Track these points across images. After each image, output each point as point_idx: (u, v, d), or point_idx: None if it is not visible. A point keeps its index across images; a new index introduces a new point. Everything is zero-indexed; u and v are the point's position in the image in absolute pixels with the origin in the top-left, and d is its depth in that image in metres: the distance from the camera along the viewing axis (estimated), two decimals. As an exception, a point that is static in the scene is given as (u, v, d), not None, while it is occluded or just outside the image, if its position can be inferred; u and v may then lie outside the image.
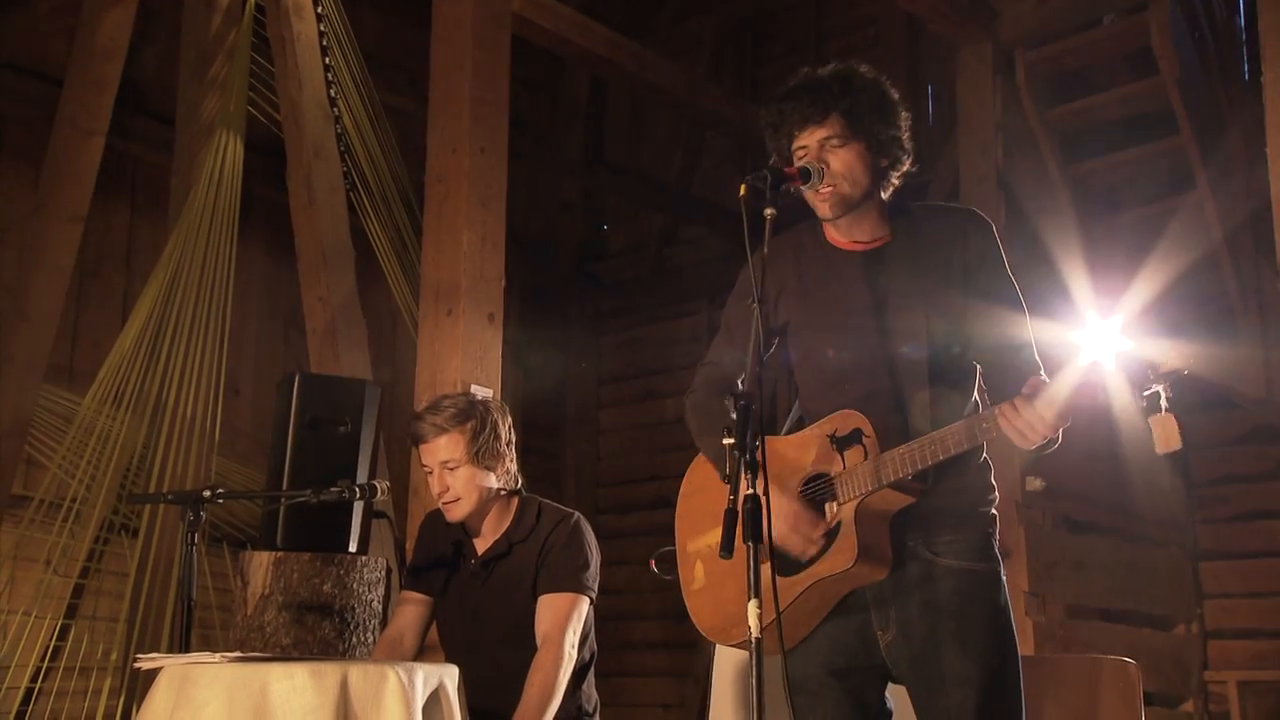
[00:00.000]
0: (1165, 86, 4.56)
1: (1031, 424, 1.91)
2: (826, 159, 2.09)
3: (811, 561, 2.06)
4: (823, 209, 2.12)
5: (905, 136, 2.16)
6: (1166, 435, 1.85)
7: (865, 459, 2.03)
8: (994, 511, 2.14)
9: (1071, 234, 5.02)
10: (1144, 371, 1.86)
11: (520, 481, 2.90)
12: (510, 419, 2.91)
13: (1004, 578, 2.11)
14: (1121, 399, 1.92)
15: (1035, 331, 2.12)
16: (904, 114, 2.16)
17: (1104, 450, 5.32)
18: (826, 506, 2.08)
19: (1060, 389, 1.89)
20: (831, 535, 2.05)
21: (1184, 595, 5.64)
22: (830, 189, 2.09)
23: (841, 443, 2.08)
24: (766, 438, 2.19)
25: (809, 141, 2.10)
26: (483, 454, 2.76)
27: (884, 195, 2.17)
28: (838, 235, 2.19)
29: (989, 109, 4.96)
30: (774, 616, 1.84)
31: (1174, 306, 4.95)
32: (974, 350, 2.12)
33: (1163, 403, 1.85)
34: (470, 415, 2.78)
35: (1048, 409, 1.90)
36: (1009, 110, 4.96)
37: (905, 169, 2.18)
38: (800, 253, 2.22)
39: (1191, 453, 5.84)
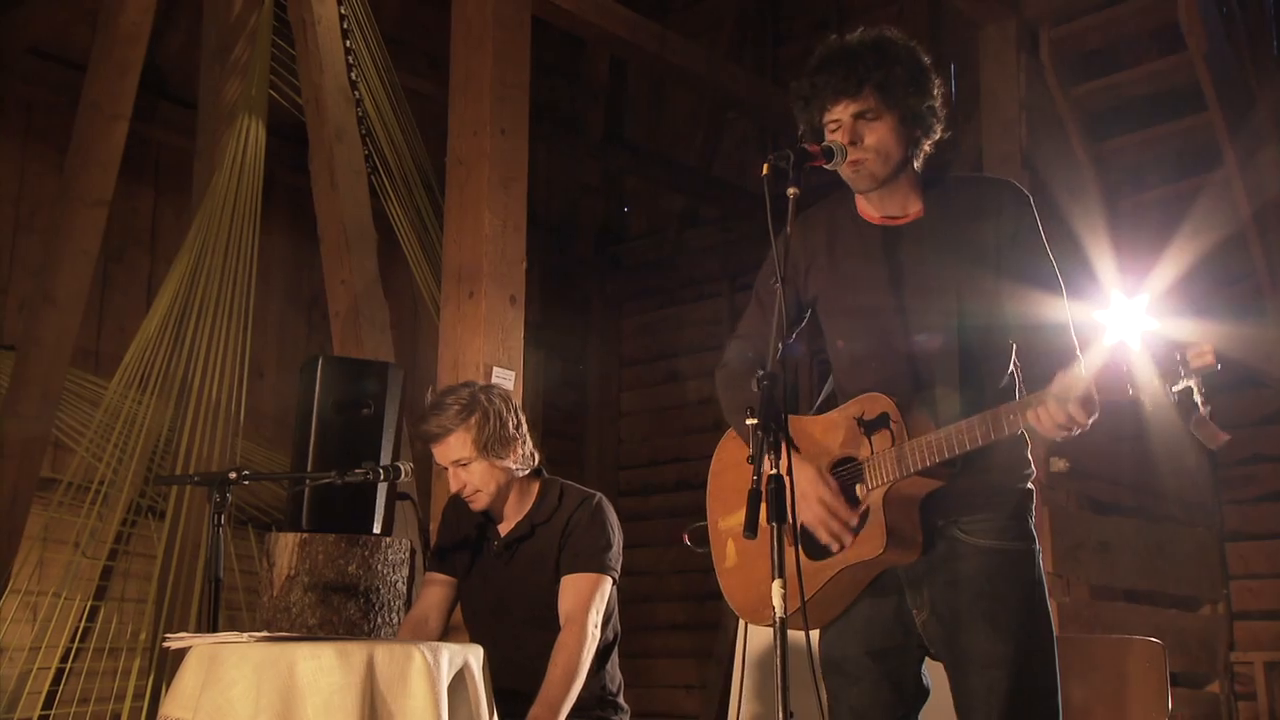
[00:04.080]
0: (1192, 62, 4.50)
1: (1063, 423, 1.88)
2: (860, 133, 2.07)
3: (841, 548, 2.06)
4: (855, 182, 2.10)
5: (939, 105, 2.13)
6: (1210, 435, 1.81)
7: (893, 444, 2.01)
8: (1029, 488, 2.11)
9: (1097, 213, 4.98)
10: (1174, 364, 1.79)
11: (539, 459, 2.90)
12: (515, 403, 2.90)
13: (1038, 557, 2.08)
14: (1147, 382, 1.87)
15: (1070, 311, 2.08)
16: (936, 81, 2.13)
17: (1129, 431, 5.28)
18: (857, 489, 2.06)
19: (1090, 382, 1.84)
20: (861, 521, 2.04)
21: (1210, 576, 5.60)
22: (863, 162, 2.07)
23: (869, 426, 2.06)
24: (792, 417, 2.20)
25: (842, 116, 2.08)
26: (492, 445, 2.76)
27: (916, 166, 2.15)
28: (869, 209, 2.17)
29: (1013, 87, 4.91)
30: (800, 599, 1.84)
31: (1200, 285, 4.91)
32: (1007, 329, 2.09)
33: (1197, 398, 1.79)
34: (473, 409, 2.76)
35: (1078, 408, 1.86)
36: (1033, 88, 4.91)
37: (938, 137, 2.15)
38: (833, 225, 2.20)
39: (1218, 433, 5.79)
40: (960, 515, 2.06)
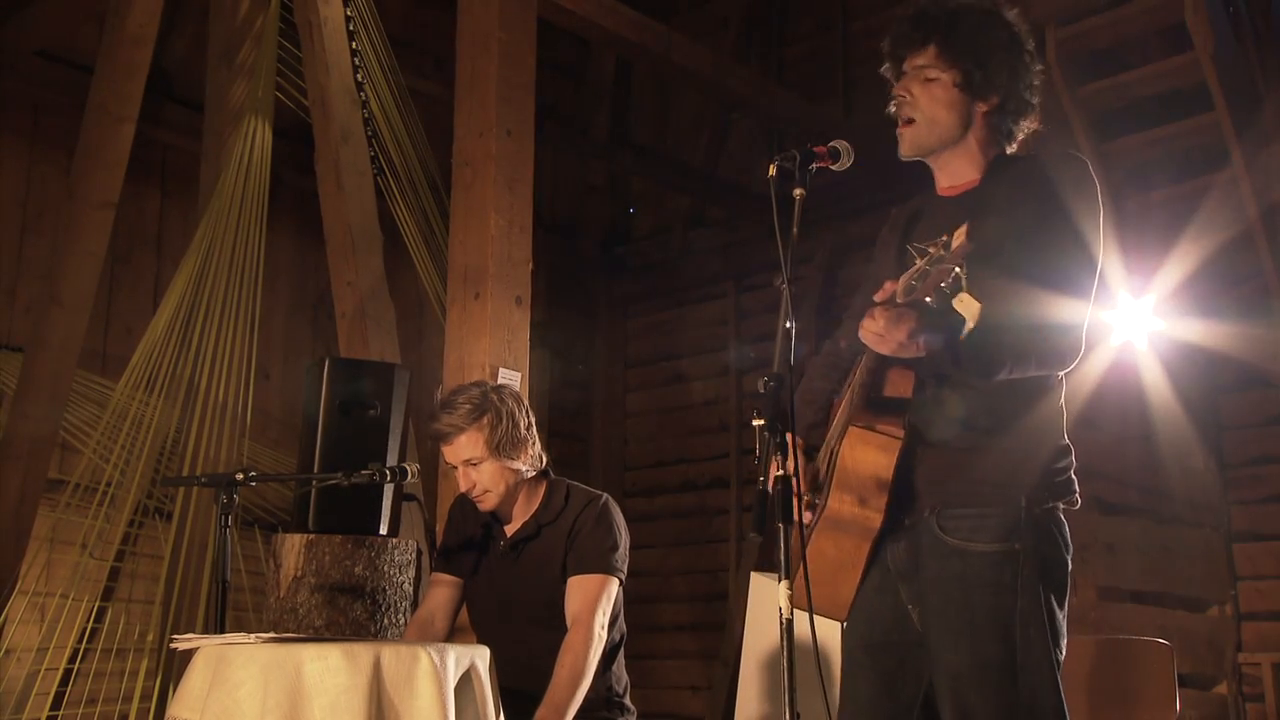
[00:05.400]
0: (1199, 62, 4.49)
1: (875, 333, 1.81)
2: (913, 89, 2.04)
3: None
4: (900, 145, 2.08)
5: (1020, 84, 2.04)
6: (968, 309, 1.71)
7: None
8: (1040, 478, 1.98)
9: (1104, 213, 4.96)
10: (939, 255, 1.69)
11: (546, 461, 2.90)
12: (526, 403, 2.91)
13: (1027, 559, 1.95)
14: (1154, 381, 1.84)
15: (1086, 309, 1.95)
16: (1023, 58, 2.04)
17: (1136, 431, 5.28)
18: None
19: (892, 288, 1.75)
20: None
21: (1217, 577, 5.59)
22: (909, 124, 2.04)
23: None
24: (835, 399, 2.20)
25: (910, 68, 2.06)
26: (503, 445, 2.76)
27: (1009, 147, 2.09)
28: (938, 181, 2.14)
29: (1019, 87, 4.90)
30: (804, 578, 1.84)
31: (1207, 285, 4.90)
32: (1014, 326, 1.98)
33: (964, 282, 1.69)
34: (485, 409, 2.77)
35: (881, 312, 1.78)
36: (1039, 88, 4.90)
37: (1025, 123, 2.07)
38: (920, 206, 2.18)
39: (1225, 433, 5.78)
40: (943, 506, 1.98)
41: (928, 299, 1.70)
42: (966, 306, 1.68)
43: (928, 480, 1.99)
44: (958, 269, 1.64)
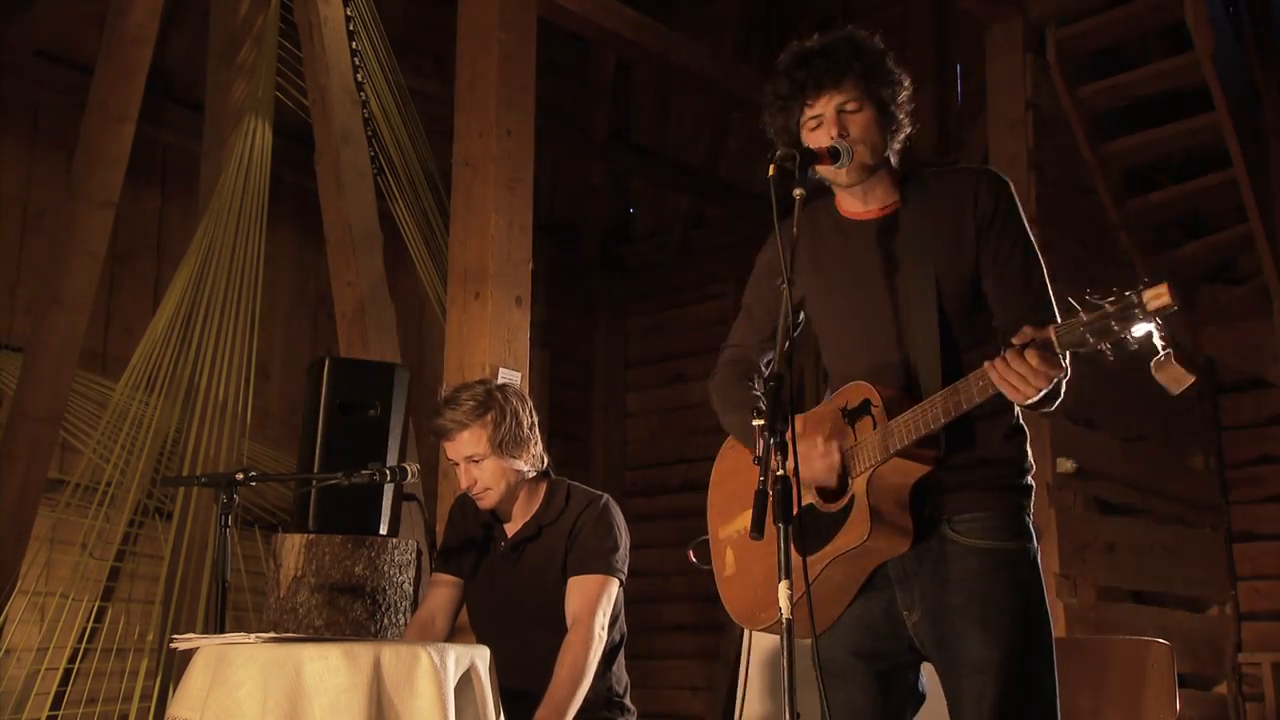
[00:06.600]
0: (1199, 62, 4.50)
1: (1024, 376, 1.80)
2: (845, 125, 2.07)
3: (830, 539, 2.05)
4: (847, 175, 2.10)
5: (907, 100, 2.13)
6: (1174, 377, 1.74)
7: (874, 429, 2.01)
8: (1027, 483, 2.08)
9: (1103, 213, 4.98)
10: (1130, 309, 1.69)
11: (547, 461, 2.90)
12: (530, 402, 2.91)
13: (1036, 556, 2.05)
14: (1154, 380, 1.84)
15: (1052, 299, 2.05)
16: (905, 78, 2.14)
17: (1136, 431, 5.28)
18: (848, 480, 2.05)
19: (1050, 333, 1.77)
20: (847, 509, 2.03)
21: (1217, 577, 5.59)
22: (854, 154, 2.07)
23: (852, 415, 2.06)
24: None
25: (824, 109, 2.09)
26: (506, 443, 2.76)
27: (892, 160, 2.16)
28: (850, 206, 2.17)
29: (1019, 87, 4.91)
30: (806, 594, 1.83)
31: (1208, 286, 4.92)
32: (989, 312, 2.08)
33: (1158, 341, 1.70)
34: (489, 406, 2.77)
35: (1036, 356, 1.78)
36: (1039, 88, 4.91)
37: (908, 131, 2.16)
38: (815, 227, 2.20)
39: (1225, 433, 5.78)
40: (953, 513, 2.04)
41: (1104, 350, 1.70)
42: (1173, 375, 1.70)
43: (930, 493, 2.04)
44: (1155, 328, 1.65)
